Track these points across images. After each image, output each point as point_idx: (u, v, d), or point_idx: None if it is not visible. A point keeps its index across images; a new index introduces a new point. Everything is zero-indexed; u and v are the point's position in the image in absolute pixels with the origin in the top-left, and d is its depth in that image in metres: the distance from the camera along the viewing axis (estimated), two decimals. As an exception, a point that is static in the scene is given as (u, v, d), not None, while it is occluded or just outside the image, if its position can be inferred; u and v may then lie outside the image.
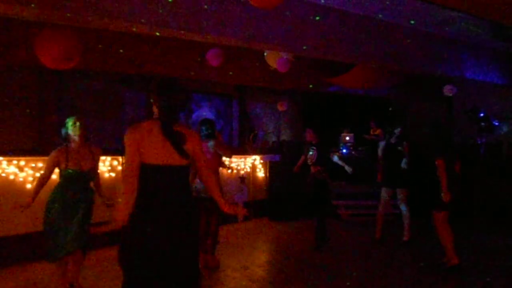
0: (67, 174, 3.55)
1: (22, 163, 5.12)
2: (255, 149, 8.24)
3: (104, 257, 5.03)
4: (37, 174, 5.17)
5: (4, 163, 5.00)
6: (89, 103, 6.58)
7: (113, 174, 5.73)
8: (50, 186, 3.71)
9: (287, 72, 5.93)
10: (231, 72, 6.75)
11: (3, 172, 4.98)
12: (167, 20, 3.77)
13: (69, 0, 3.34)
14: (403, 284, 4.32)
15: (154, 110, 2.42)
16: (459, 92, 7.78)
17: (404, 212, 5.90)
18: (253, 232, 6.85)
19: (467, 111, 8.09)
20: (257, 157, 7.97)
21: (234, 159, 7.32)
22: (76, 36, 4.02)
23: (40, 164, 5.21)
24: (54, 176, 3.76)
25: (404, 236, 5.85)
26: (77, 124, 3.60)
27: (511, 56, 6.87)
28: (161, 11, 3.72)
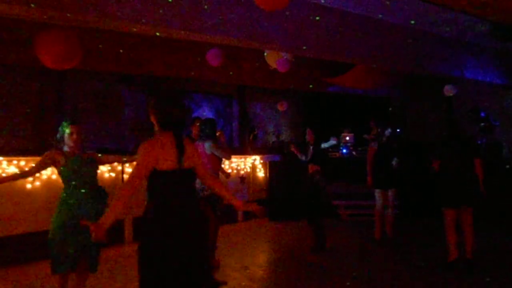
0: (70, 166, 3.22)
1: (22, 163, 5.12)
2: (255, 149, 8.24)
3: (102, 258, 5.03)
4: (37, 174, 5.16)
5: (4, 163, 5.00)
6: (89, 103, 6.59)
7: (113, 174, 5.73)
8: (57, 190, 3.50)
9: (287, 72, 5.93)
10: (231, 72, 6.76)
11: (3, 172, 4.98)
12: (167, 20, 3.78)
13: (69, 0, 3.34)
14: (403, 284, 4.32)
15: (154, 126, 2.52)
16: (459, 92, 7.79)
17: (388, 213, 5.93)
18: (253, 232, 6.85)
19: (468, 112, 8.09)
20: (257, 157, 7.97)
21: (234, 159, 7.32)
22: (76, 36, 4.03)
23: (40, 164, 5.21)
24: (54, 176, 3.73)
25: (388, 233, 5.95)
26: (74, 134, 3.31)
27: (511, 56, 6.87)
28: (161, 11, 3.72)
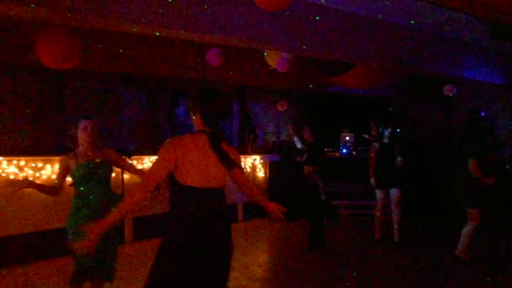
0: (82, 169, 3.03)
1: (22, 163, 5.12)
2: (255, 149, 8.24)
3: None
4: (37, 174, 5.18)
5: (4, 163, 5.01)
6: (89, 103, 6.59)
7: (113, 174, 5.72)
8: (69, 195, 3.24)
9: (287, 72, 5.93)
10: (231, 72, 6.75)
11: (3, 172, 4.99)
12: (167, 20, 3.77)
13: (69, 0, 3.34)
14: (403, 284, 4.33)
15: (195, 122, 2.34)
16: (459, 92, 7.78)
17: (394, 214, 5.85)
18: (253, 232, 6.85)
19: (468, 111, 8.09)
20: (257, 157, 7.97)
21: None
22: (76, 36, 4.03)
23: (40, 164, 5.22)
24: (54, 176, 3.71)
25: (395, 237, 5.83)
26: (88, 128, 3.12)
27: (511, 56, 6.87)
28: (161, 11, 3.72)
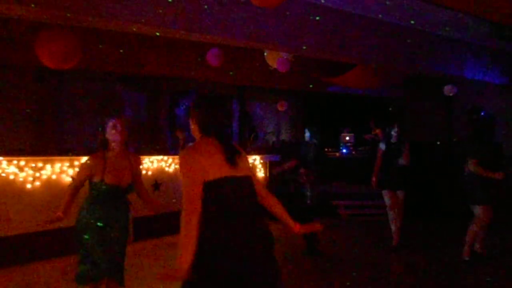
0: (100, 190, 2.85)
1: (22, 163, 5.12)
2: (255, 149, 8.24)
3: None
4: (37, 174, 5.17)
5: (4, 163, 5.00)
6: (89, 103, 6.59)
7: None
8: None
9: (287, 72, 5.93)
10: (231, 72, 6.76)
11: (3, 172, 4.98)
12: (167, 20, 3.78)
13: (69, 0, 3.34)
14: (403, 285, 4.33)
15: (192, 128, 2.20)
16: (459, 92, 7.79)
17: (399, 215, 5.56)
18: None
19: (468, 111, 8.09)
20: (257, 157, 7.97)
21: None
22: (76, 36, 4.03)
23: (40, 164, 5.21)
24: (54, 176, 3.71)
25: (393, 241, 5.58)
26: (118, 126, 2.91)
27: (511, 56, 6.87)
28: (161, 11, 3.72)
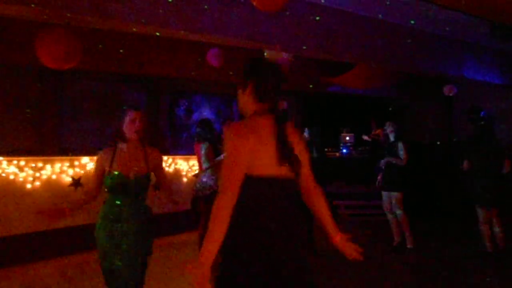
0: (111, 180, 2.71)
1: (22, 163, 5.12)
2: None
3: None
4: (37, 174, 5.17)
5: (4, 163, 5.00)
6: (89, 103, 6.59)
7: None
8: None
9: (287, 72, 5.93)
10: (231, 72, 6.75)
11: (3, 172, 4.98)
12: (167, 20, 3.78)
13: (70, 1, 3.34)
14: (403, 285, 4.33)
15: (244, 101, 1.91)
16: (459, 92, 7.79)
17: (399, 216, 5.49)
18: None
19: (468, 111, 8.09)
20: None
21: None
22: (76, 36, 4.02)
23: (40, 164, 5.21)
24: (54, 176, 3.71)
25: (393, 242, 5.59)
26: (137, 120, 2.80)
27: (511, 56, 6.87)
28: (161, 11, 3.72)
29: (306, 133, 5.67)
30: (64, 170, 5.36)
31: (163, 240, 5.59)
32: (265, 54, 5.93)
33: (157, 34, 4.08)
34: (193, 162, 6.51)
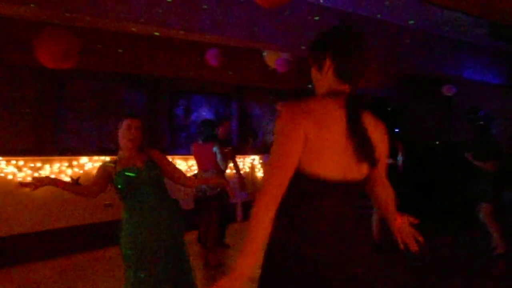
0: (122, 178, 2.56)
1: (21, 163, 5.11)
2: (255, 149, 8.24)
3: (102, 258, 5.03)
4: (36, 174, 5.16)
5: (3, 163, 4.99)
6: (88, 103, 6.58)
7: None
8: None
9: (286, 72, 5.93)
10: (230, 72, 6.75)
11: (1, 172, 4.97)
12: (166, 20, 3.77)
13: (69, 1, 3.33)
14: (403, 285, 4.32)
15: (319, 80, 1.51)
16: (458, 92, 7.80)
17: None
18: (252, 232, 6.83)
19: (466, 111, 8.10)
20: (256, 157, 7.96)
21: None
22: (75, 36, 4.02)
23: (38, 164, 5.20)
24: (53, 176, 3.69)
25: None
26: (132, 128, 2.67)
27: (510, 56, 6.88)
28: (160, 11, 3.72)
29: None
30: (62, 170, 5.35)
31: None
32: (264, 54, 5.93)
33: (156, 33, 4.08)
34: (192, 162, 6.50)
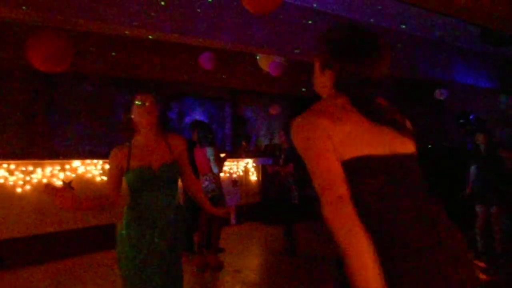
0: (133, 177, 2.33)
1: (12, 166, 5.06)
2: (248, 153, 8.25)
3: (95, 262, 4.99)
4: (27, 178, 5.11)
5: (-6, 166, 4.95)
6: (81, 106, 6.54)
7: (105, 178, 5.69)
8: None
9: (280, 76, 5.95)
10: (224, 75, 6.76)
11: (-7, 176, 4.93)
12: (160, 23, 3.77)
13: (62, 3, 3.32)
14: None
15: (319, 81, 1.52)
16: (449, 96, 7.86)
17: None
18: (245, 235, 6.83)
19: (457, 115, 8.17)
20: (250, 161, 7.97)
21: (226, 163, 7.32)
22: (67, 39, 4.00)
23: (30, 168, 5.16)
24: (45, 180, 3.68)
25: None
26: (146, 103, 2.37)
27: (500, 60, 6.97)
28: (153, 14, 3.72)
29: (283, 139, 5.77)
30: (54, 174, 5.32)
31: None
32: (257, 58, 5.95)
33: (150, 37, 4.07)
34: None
